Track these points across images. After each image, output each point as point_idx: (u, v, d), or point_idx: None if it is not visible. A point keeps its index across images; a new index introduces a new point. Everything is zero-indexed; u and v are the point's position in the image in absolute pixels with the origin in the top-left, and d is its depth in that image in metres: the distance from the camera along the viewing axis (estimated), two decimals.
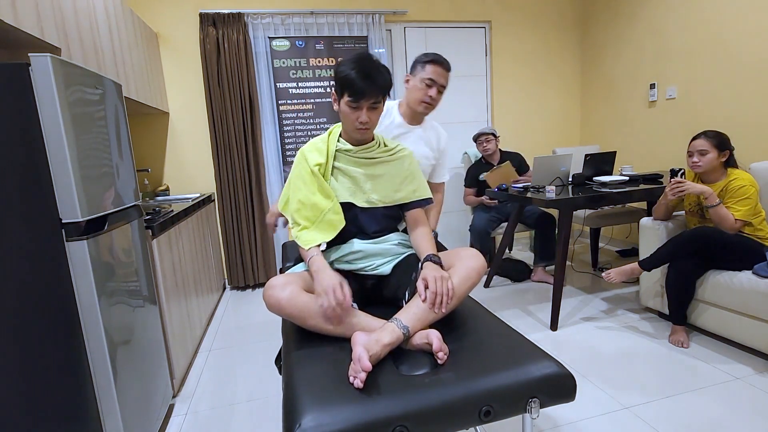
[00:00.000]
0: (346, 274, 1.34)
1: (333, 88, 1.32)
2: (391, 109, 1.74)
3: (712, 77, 2.93)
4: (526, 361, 1.01)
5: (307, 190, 1.30)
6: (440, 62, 1.60)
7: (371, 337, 1.04)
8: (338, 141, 1.35)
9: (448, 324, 1.21)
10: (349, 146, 1.34)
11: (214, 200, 3.36)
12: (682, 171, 2.14)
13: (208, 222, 3.08)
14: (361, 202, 1.33)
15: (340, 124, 1.38)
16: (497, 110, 3.96)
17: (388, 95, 1.32)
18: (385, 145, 1.40)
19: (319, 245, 1.27)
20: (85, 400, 1.28)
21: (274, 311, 1.14)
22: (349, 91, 1.23)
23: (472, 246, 2.53)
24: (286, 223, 1.50)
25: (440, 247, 1.65)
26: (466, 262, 1.20)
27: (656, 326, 2.31)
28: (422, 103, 1.62)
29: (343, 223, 1.29)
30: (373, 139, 1.39)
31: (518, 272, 3.19)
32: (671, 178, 2.15)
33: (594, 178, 2.80)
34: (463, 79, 3.87)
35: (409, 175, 1.39)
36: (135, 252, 1.61)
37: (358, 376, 0.92)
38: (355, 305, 1.20)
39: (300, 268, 1.35)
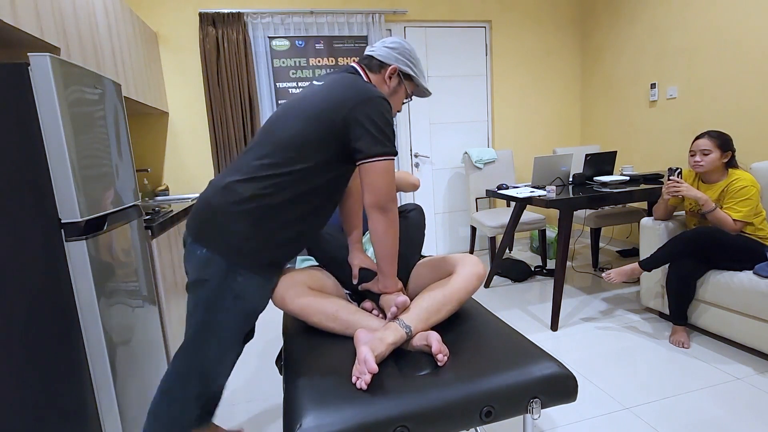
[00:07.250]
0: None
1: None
2: None
3: (712, 77, 2.93)
4: (527, 361, 1.01)
5: None
6: None
7: (375, 335, 1.04)
8: None
9: (448, 324, 1.21)
10: None
11: None
12: (679, 170, 2.13)
13: None
14: None
15: None
16: (497, 110, 3.96)
17: None
18: None
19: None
20: (85, 399, 1.27)
21: (278, 306, 1.18)
22: None
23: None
24: None
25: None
26: (468, 269, 1.22)
27: (657, 326, 2.31)
28: None
29: None
30: None
31: (518, 272, 3.19)
32: (668, 177, 2.15)
33: (594, 178, 2.80)
34: (463, 79, 3.86)
35: None
36: (134, 252, 1.60)
37: (362, 377, 0.92)
38: (350, 298, 1.24)
39: (305, 263, 1.37)
